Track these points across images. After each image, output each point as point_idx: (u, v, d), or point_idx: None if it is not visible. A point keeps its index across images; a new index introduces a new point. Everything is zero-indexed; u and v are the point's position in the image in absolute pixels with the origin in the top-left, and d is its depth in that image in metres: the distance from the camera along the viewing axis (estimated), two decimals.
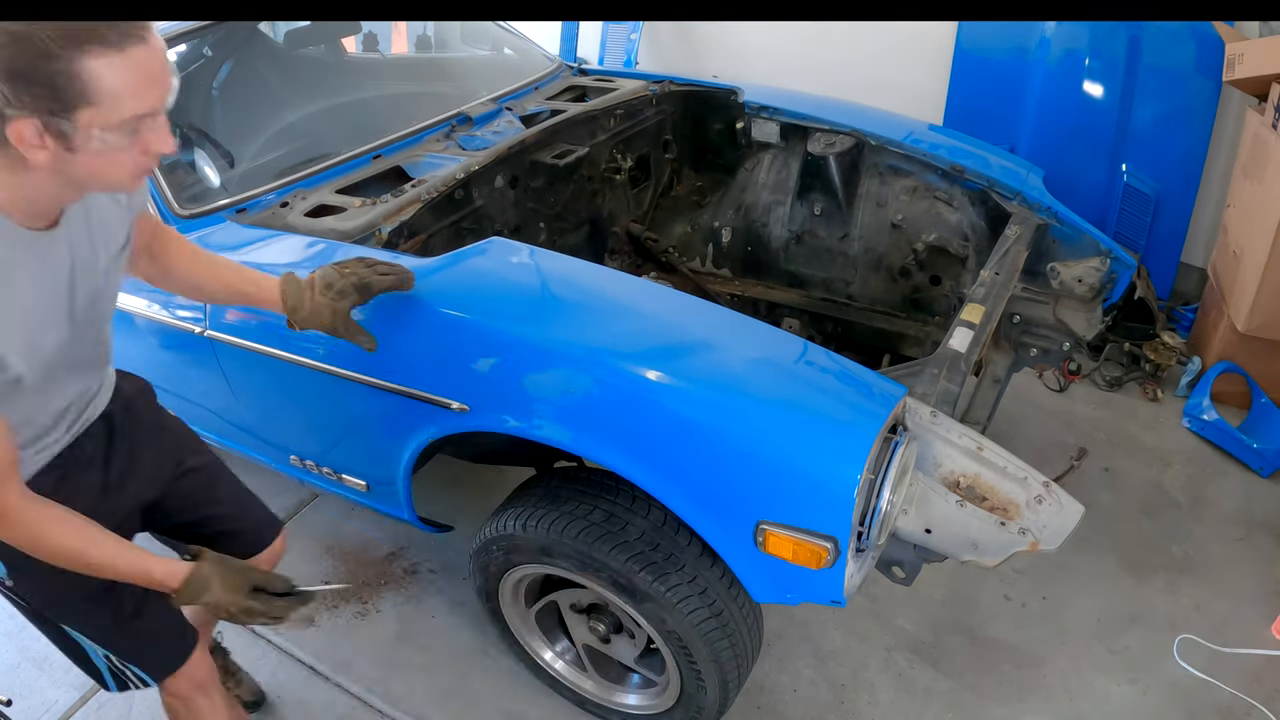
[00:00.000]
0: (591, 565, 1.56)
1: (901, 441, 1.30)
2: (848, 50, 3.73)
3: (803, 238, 2.59)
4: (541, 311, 1.54)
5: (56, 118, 0.93)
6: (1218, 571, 2.29)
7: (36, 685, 2.15)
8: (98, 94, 0.93)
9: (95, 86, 0.93)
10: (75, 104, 0.93)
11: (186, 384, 2.12)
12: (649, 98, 2.60)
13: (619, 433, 1.39)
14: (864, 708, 1.98)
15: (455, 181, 2.01)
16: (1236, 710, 1.93)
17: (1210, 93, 2.99)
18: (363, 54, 2.91)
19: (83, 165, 0.99)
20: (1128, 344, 2.96)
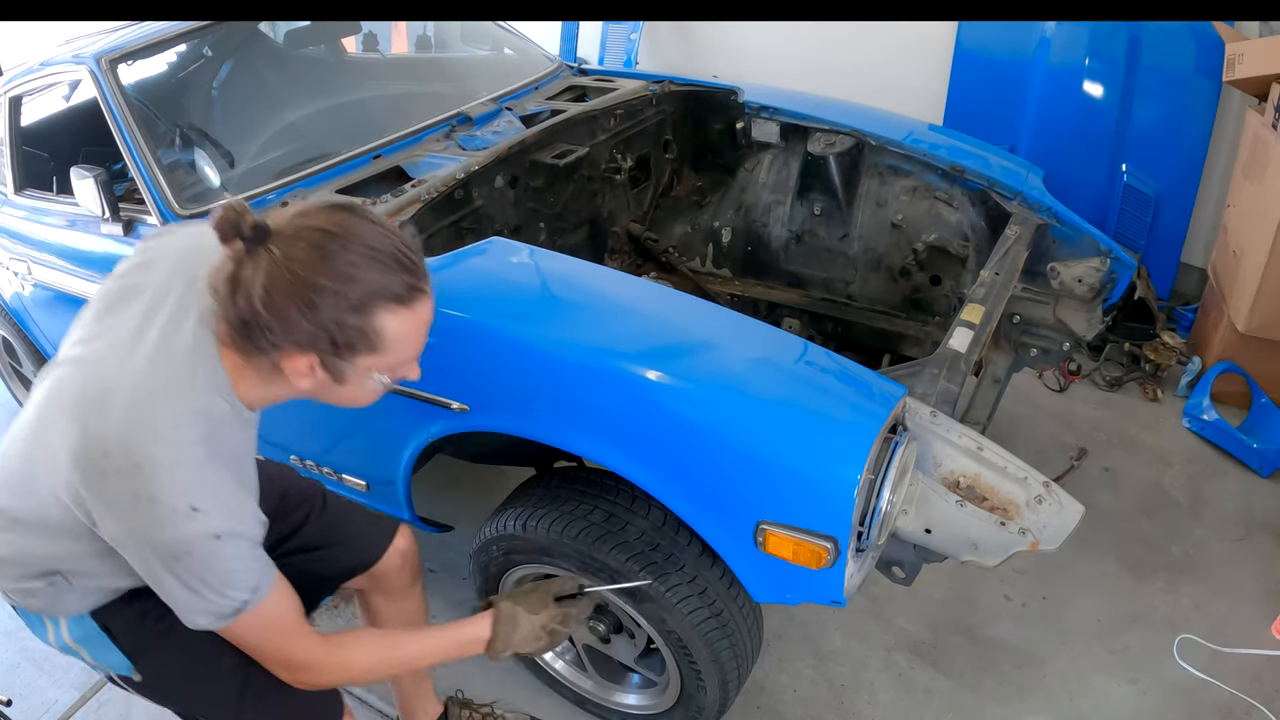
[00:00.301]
0: (591, 565, 1.56)
1: (901, 441, 1.30)
2: (848, 50, 3.73)
3: (803, 238, 2.59)
4: (541, 311, 1.54)
5: (337, 358, 1.00)
6: (1218, 571, 2.29)
7: (36, 685, 2.15)
8: (384, 343, 1.01)
9: (384, 337, 1.00)
10: (361, 351, 1.00)
11: None
12: (649, 98, 2.60)
13: (619, 433, 1.39)
14: (864, 708, 1.98)
15: (455, 181, 2.01)
16: (1236, 710, 1.93)
17: (1210, 93, 2.99)
18: (363, 54, 2.91)
19: (343, 393, 1.07)
20: (1128, 344, 2.96)
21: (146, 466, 0.97)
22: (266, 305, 0.95)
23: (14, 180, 2.44)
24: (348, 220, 0.98)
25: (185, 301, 1.07)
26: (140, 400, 1.00)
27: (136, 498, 0.97)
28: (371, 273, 0.97)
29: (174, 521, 0.97)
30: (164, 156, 2.01)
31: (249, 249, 0.96)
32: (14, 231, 2.40)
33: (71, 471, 1.00)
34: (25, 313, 2.55)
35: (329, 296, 0.95)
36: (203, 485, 1.00)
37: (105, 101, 2.02)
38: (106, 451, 0.98)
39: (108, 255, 2.08)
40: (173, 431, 0.99)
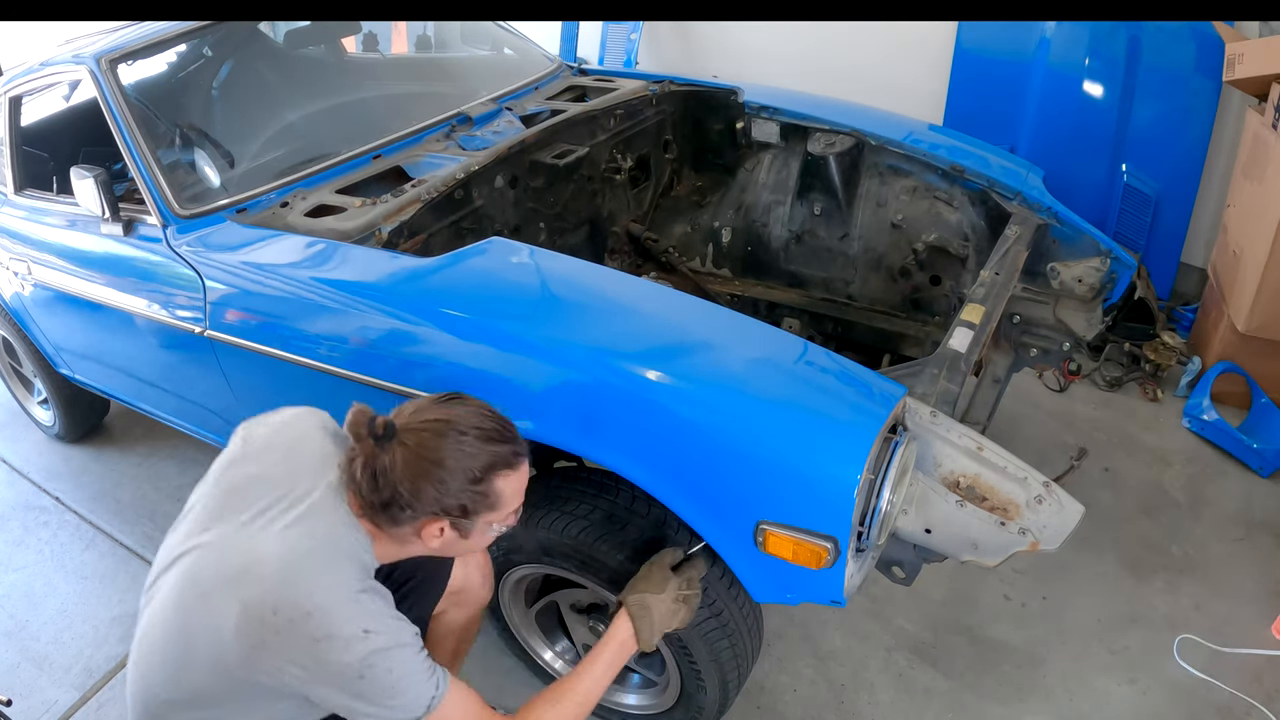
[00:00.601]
0: (591, 565, 1.56)
1: (901, 441, 1.30)
2: (848, 50, 3.73)
3: (803, 238, 2.59)
4: (541, 311, 1.54)
5: (464, 520, 1.21)
6: (1218, 571, 2.29)
7: (37, 685, 2.15)
8: (501, 501, 1.23)
9: (501, 497, 1.23)
10: (483, 511, 1.22)
11: (186, 384, 2.12)
12: (649, 98, 2.60)
13: (619, 432, 1.38)
14: (864, 708, 1.98)
15: (455, 181, 2.01)
16: (1236, 710, 1.93)
17: (1210, 93, 2.99)
18: (363, 54, 2.91)
19: (465, 546, 1.28)
20: (1128, 344, 2.96)
21: (316, 612, 1.11)
22: (405, 488, 1.16)
23: (14, 180, 2.44)
24: (457, 410, 1.21)
25: (312, 481, 1.24)
26: (293, 560, 1.14)
27: (314, 640, 1.11)
28: (485, 449, 1.19)
29: (350, 647, 1.11)
30: (164, 156, 2.01)
31: (380, 445, 1.16)
32: (14, 231, 2.40)
33: (241, 641, 1.11)
34: (25, 313, 2.55)
35: (456, 475, 1.17)
36: (365, 612, 1.15)
37: (105, 101, 2.02)
38: (275, 609, 1.11)
39: (108, 255, 2.09)
40: (328, 577, 1.15)
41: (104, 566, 2.51)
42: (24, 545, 2.62)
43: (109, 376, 2.45)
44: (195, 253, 1.86)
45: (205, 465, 2.81)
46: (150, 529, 2.63)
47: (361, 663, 1.11)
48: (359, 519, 1.23)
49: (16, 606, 2.40)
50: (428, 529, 1.21)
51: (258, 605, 1.11)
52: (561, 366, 1.42)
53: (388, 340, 1.57)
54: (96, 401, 2.92)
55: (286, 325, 1.70)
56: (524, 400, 1.45)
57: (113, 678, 2.16)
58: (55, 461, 2.99)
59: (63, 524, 2.69)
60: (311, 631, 1.10)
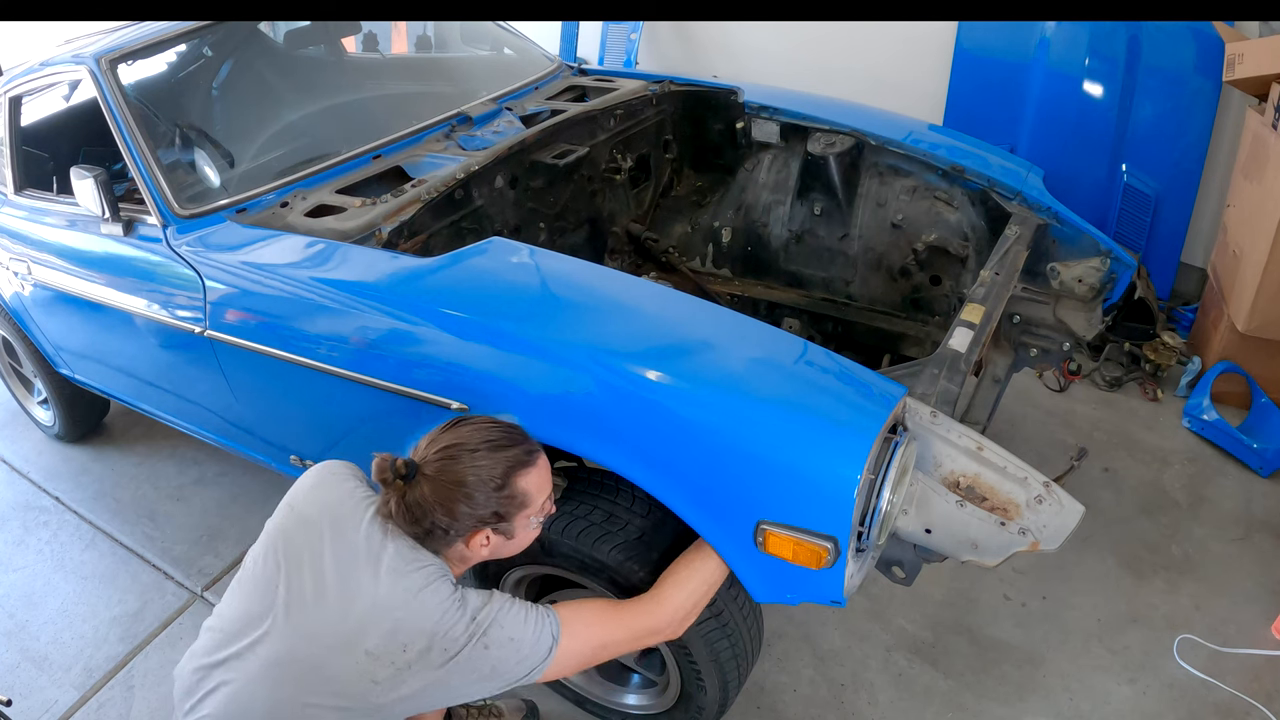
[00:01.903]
0: (591, 565, 1.56)
1: (901, 441, 1.30)
2: (848, 50, 3.72)
3: (803, 237, 2.59)
4: (541, 311, 1.54)
5: (504, 522, 1.31)
6: (1218, 571, 2.29)
7: (36, 685, 2.15)
8: (529, 498, 1.32)
9: (528, 493, 1.32)
10: (516, 511, 1.31)
11: (186, 384, 2.12)
12: (649, 98, 2.60)
13: (619, 432, 1.38)
14: (864, 708, 1.98)
15: (455, 181, 2.01)
16: (1236, 710, 1.93)
17: (1210, 93, 2.99)
18: (363, 54, 2.91)
19: (514, 545, 1.37)
20: (1128, 344, 2.95)
21: (438, 630, 1.23)
22: (442, 511, 1.26)
23: (14, 180, 2.44)
24: (462, 431, 1.30)
25: (370, 534, 1.30)
26: (401, 601, 1.24)
27: (445, 651, 1.23)
28: (499, 459, 1.28)
29: (472, 636, 1.24)
30: (164, 156, 2.01)
31: (407, 484, 1.27)
32: (14, 231, 2.40)
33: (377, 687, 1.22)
34: (25, 313, 2.55)
35: (480, 488, 1.26)
36: (467, 609, 1.26)
37: (105, 101, 2.02)
38: (404, 647, 1.22)
39: (108, 255, 2.08)
40: (439, 601, 1.25)
41: (104, 566, 2.51)
42: (24, 545, 2.62)
43: (109, 376, 2.45)
44: (195, 253, 1.86)
45: (205, 465, 2.82)
46: (150, 529, 2.63)
47: (482, 641, 1.24)
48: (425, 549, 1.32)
49: (16, 606, 2.40)
50: (474, 541, 1.31)
51: (385, 651, 1.22)
52: (562, 366, 1.42)
53: (388, 340, 1.57)
54: (96, 401, 2.92)
55: (286, 325, 1.70)
56: (524, 400, 1.45)
57: (113, 678, 2.16)
58: (55, 461, 2.99)
59: (63, 524, 2.69)
60: (440, 645, 1.23)
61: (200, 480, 2.82)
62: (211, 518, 2.66)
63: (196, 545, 2.56)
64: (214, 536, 2.58)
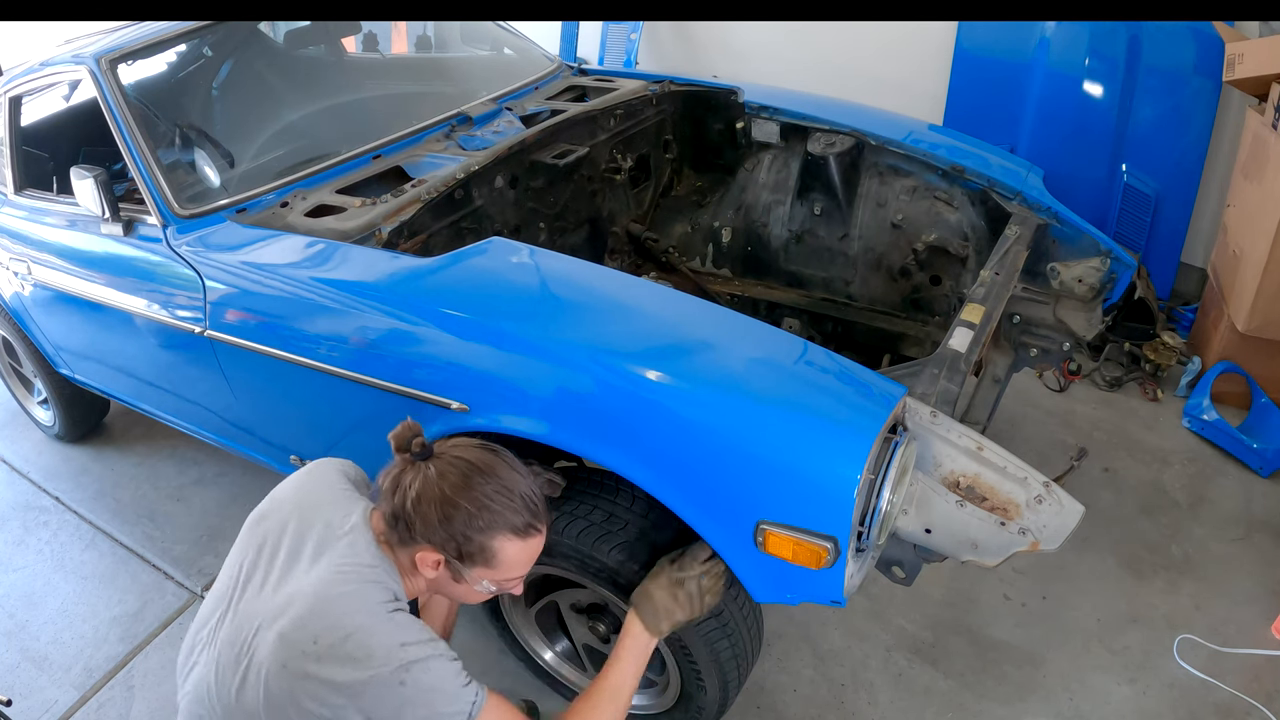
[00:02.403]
0: (591, 565, 1.56)
1: (901, 441, 1.30)
2: (848, 50, 3.73)
3: (803, 237, 2.59)
4: (541, 311, 1.54)
5: (459, 563, 1.23)
6: (1218, 571, 2.29)
7: (36, 685, 2.15)
8: (498, 562, 1.24)
9: (499, 558, 1.23)
10: (478, 564, 1.23)
11: (186, 384, 2.12)
12: (649, 98, 2.60)
13: (619, 433, 1.38)
14: (864, 708, 1.98)
15: (455, 181, 2.01)
16: (1236, 710, 1.93)
17: (1210, 93, 2.99)
18: (363, 54, 2.91)
19: (456, 590, 1.30)
20: (1128, 344, 2.96)
21: (355, 632, 1.16)
22: (415, 507, 1.20)
23: (14, 180, 2.44)
24: (494, 461, 1.23)
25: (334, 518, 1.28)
26: (325, 591, 1.19)
27: (355, 659, 1.15)
28: (501, 506, 1.21)
29: (390, 657, 1.15)
30: (164, 156, 2.01)
31: (413, 461, 1.22)
32: (14, 231, 2.40)
33: (285, 675, 1.15)
34: (25, 313, 2.55)
35: (462, 514, 1.19)
36: (400, 627, 1.19)
37: (105, 101, 2.02)
38: (315, 638, 1.15)
39: (108, 255, 2.08)
40: (363, 600, 1.19)
41: (104, 566, 2.51)
42: (24, 545, 2.62)
43: (109, 376, 2.45)
44: (195, 253, 1.86)
45: (205, 465, 2.82)
46: (150, 529, 2.63)
47: (401, 670, 1.15)
48: (382, 544, 1.27)
49: (16, 606, 2.40)
50: (424, 556, 1.23)
51: (297, 637, 1.16)
52: (562, 366, 1.42)
53: (388, 340, 1.57)
54: (96, 401, 2.92)
55: (286, 325, 1.70)
56: (524, 400, 1.45)
57: (113, 678, 2.16)
58: (55, 461, 2.99)
59: (63, 524, 2.69)
60: (352, 651, 1.15)
61: (200, 480, 2.82)
62: (211, 518, 2.66)
63: (196, 545, 2.56)
64: (214, 536, 2.58)
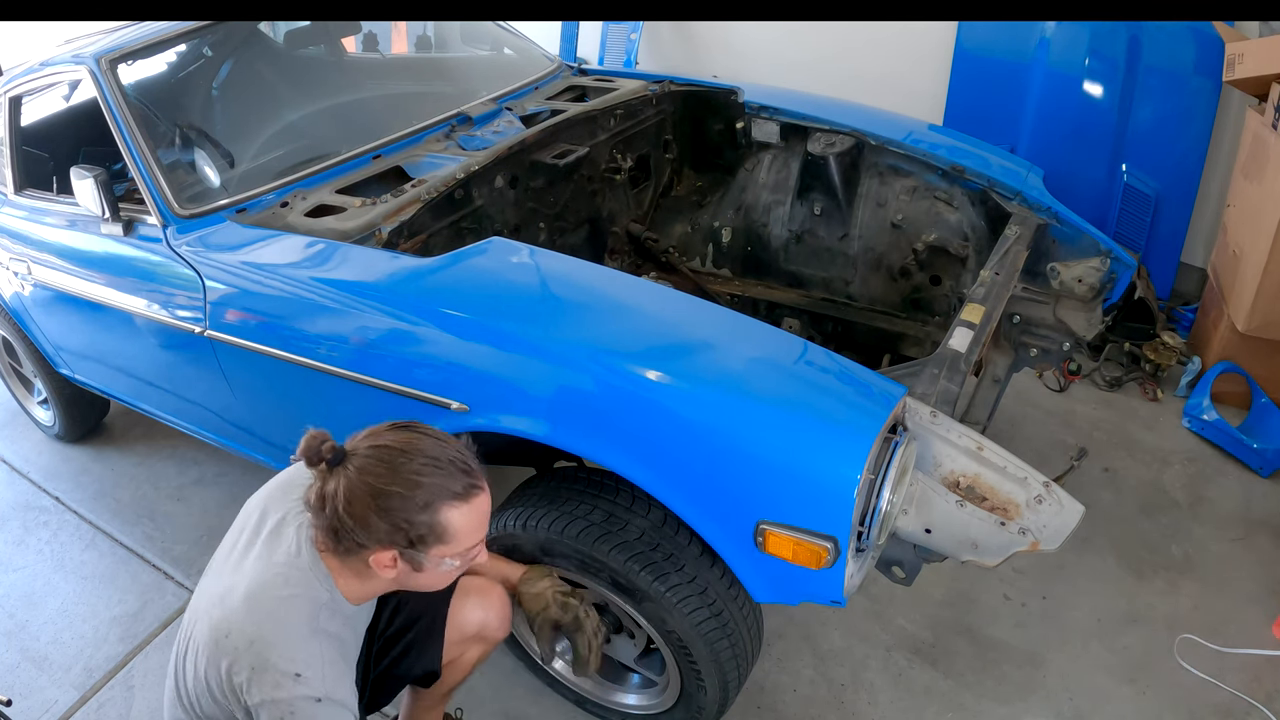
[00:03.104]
0: (591, 565, 1.56)
1: (901, 441, 1.30)
2: (848, 50, 3.72)
3: (803, 237, 2.59)
4: (541, 311, 1.54)
5: (414, 550, 1.17)
6: (1218, 571, 2.29)
7: (36, 685, 2.15)
8: (450, 535, 1.18)
9: (450, 530, 1.17)
10: (432, 543, 1.17)
11: (186, 384, 2.12)
12: (649, 98, 2.60)
13: (619, 433, 1.38)
14: (864, 708, 1.98)
15: (455, 181, 2.02)
16: (1236, 710, 1.93)
17: (1210, 93, 2.99)
18: (363, 54, 2.91)
19: (420, 579, 1.24)
20: (1128, 344, 2.96)
21: (258, 641, 1.14)
22: (349, 512, 1.14)
23: (14, 180, 2.44)
24: (410, 437, 1.17)
25: (283, 520, 1.27)
26: (253, 590, 1.18)
27: (253, 668, 1.13)
28: (434, 478, 1.15)
29: (281, 685, 1.12)
30: (164, 156, 2.01)
31: (330, 469, 1.16)
32: (14, 231, 2.40)
33: (207, 665, 1.17)
34: (25, 313, 2.55)
35: (398, 500, 1.13)
36: (307, 656, 1.15)
37: (105, 101, 2.02)
38: (228, 633, 1.16)
39: (108, 255, 2.08)
40: (281, 611, 1.17)
41: (104, 566, 2.51)
42: (24, 545, 2.62)
43: (109, 376, 2.45)
44: (195, 253, 1.86)
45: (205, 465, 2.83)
46: (150, 529, 2.63)
47: (286, 704, 1.12)
48: (321, 552, 1.23)
49: (16, 606, 2.40)
50: (378, 558, 1.17)
51: (220, 627, 1.17)
52: (562, 366, 1.42)
53: (388, 340, 1.57)
54: (96, 401, 2.92)
55: (286, 325, 1.70)
56: (524, 400, 1.45)
57: (113, 678, 2.16)
58: (55, 461, 2.99)
59: (63, 524, 2.69)
60: (252, 660, 1.14)
61: (200, 480, 2.82)
62: (211, 518, 2.66)
63: (196, 545, 2.56)
64: (214, 536, 2.56)
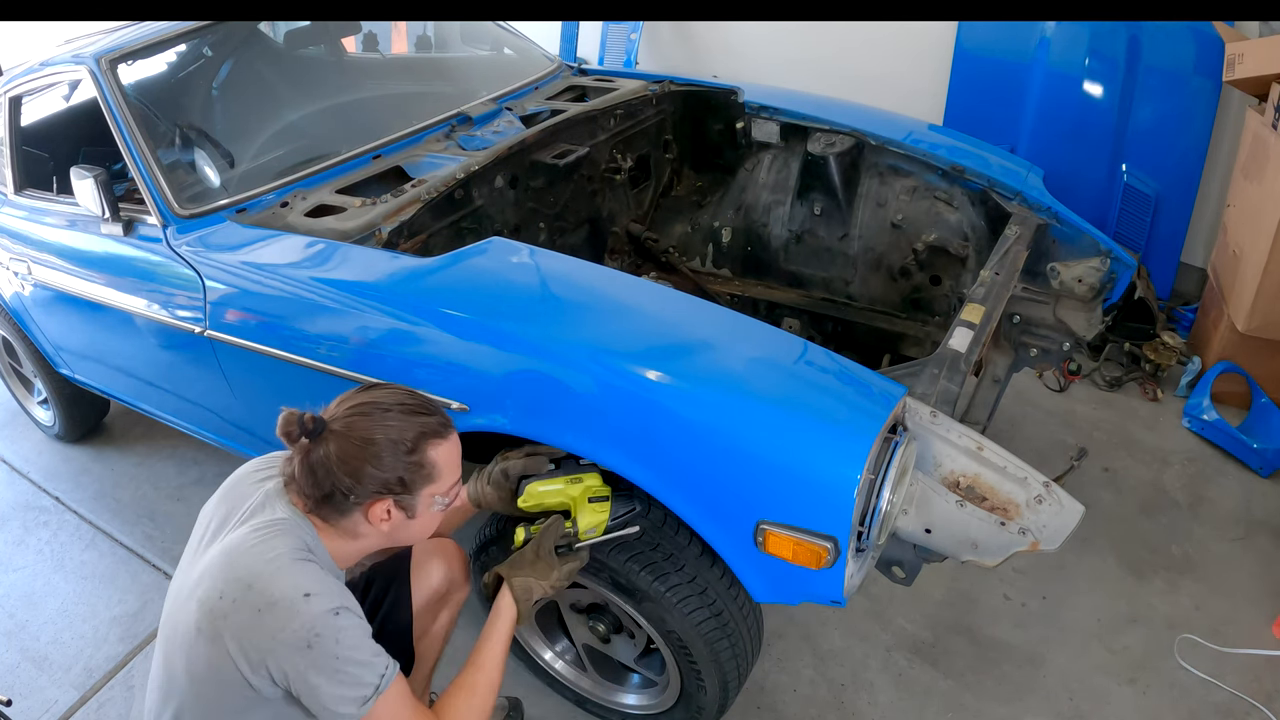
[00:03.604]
0: (592, 565, 1.56)
1: (901, 441, 1.30)
2: (847, 50, 3.73)
3: (803, 237, 2.59)
4: (541, 311, 1.54)
5: (407, 494, 1.24)
6: (1218, 571, 2.29)
7: (36, 685, 2.15)
8: (438, 471, 1.26)
9: (437, 466, 1.26)
10: (422, 484, 1.25)
11: (186, 384, 2.12)
12: (649, 98, 2.60)
13: (619, 432, 1.38)
14: (864, 708, 1.98)
15: (455, 181, 2.02)
16: (1236, 710, 1.93)
17: (1210, 93, 2.99)
18: (363, 54, 2.91)
19: (415, 526, 1.30)
20: (1128, 344, 2.96)
21: (257, 582, 1.14)
22: (343, 470, 1.20)
23: (14, 180, 2.44)
24: (376, 394, 1.26)
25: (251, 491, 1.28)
26: (233, 549, 1.19)
27: (259, 611, 1.13)
28: (412, 424, 1.23)
29: (294, 611, 1.12)
30: (164, 156, 2.01)
31: (314, 440, 1.21)
32: (14, 231, 2.40)
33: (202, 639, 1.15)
34: (25, 313, 2.55)
35: (389, 449, 1.21)
36: (307, 576, 1.17)
37: (105, 101, 2.02)
38: (221, 594, 1.15)
39: (108, 255, 2.08)
40: (271, 552, 1.17)
41: (104, 566, 2.51)
42: (24, 545, 2.62)
43: (109, 376, 2.45)
44: (195, 253, 1.86)
45: (205, 465, 2.82)
46: (150, 529, 2.63)
47: (307, 629, 1.12)
48: (306, 514, 1.26)
49: (16, 606, 2.40)
50: (374, 510, 1.24)
51: (208, 597, 1.15)
52: (562, 366, 1.41)
53: (388, 340, 1.57)
54: (96, 401, 2.92)
55: (286, 325, 1.70)
56: (524, 400, 1.45)
57: (113, 678, 2.16)
58: (55, 461, 2.99)
59: (63, 524, 2.69)
60: (255, 603, 1.13)
61: (200, 480, 2.82)
62: None
63: None
64: None
